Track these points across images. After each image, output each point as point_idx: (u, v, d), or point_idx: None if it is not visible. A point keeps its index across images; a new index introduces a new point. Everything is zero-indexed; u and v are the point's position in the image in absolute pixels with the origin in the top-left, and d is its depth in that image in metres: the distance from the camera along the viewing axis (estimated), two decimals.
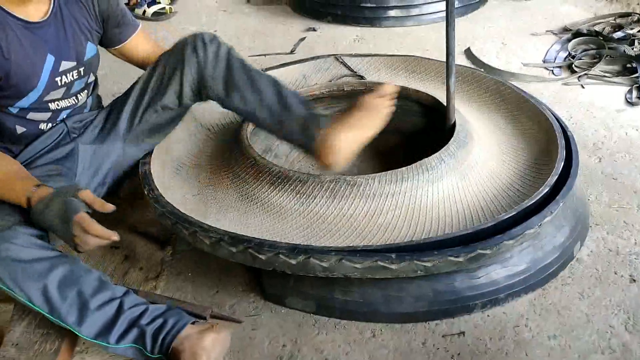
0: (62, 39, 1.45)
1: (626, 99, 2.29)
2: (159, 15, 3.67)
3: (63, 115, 1.53)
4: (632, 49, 2.59)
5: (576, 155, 1.59)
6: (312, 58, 2.23)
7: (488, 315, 1.37)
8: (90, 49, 1.53)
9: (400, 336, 1.34)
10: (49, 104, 1.47)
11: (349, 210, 1.47)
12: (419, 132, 2.03)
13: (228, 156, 1.70)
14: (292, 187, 1.52)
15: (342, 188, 1.48)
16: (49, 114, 1.49)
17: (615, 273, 1.47)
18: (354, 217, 1.46)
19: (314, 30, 3.28)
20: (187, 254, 1.62)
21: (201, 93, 1.57)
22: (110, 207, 1.25)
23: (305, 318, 1.40)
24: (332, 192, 1.49)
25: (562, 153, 1.58)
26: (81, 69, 1.50)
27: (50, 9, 1.43)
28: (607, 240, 1.58)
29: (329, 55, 2.23)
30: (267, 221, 1.49)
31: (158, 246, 1.65)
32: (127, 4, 3.46)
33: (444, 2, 3.40)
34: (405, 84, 2.03)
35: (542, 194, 1.44)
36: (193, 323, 1.25)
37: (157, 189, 1.52)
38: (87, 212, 1.21)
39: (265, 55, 2.95)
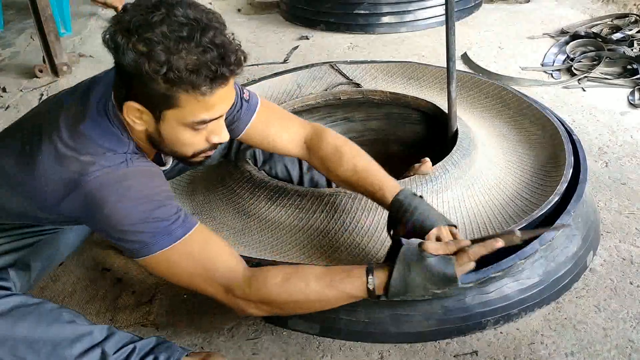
0: None
1: (629, 101, 2.24)
2: None
3: None
4: (632, 50, 2.55)
5: (584, 160, 1.54)
6: (307, 66, 2.17)
7: (501, 332, 1.30)
8: None
9: (409, 357, 1.27)
10: None
11: (350, 224, 1.41)
12: (419, 140, 1.97)
13: (222, 171, 1.63)
14: (290, 202, 1.45)
15: (343, 202, 1.42)
16: None
17: (631, 283, 1.41)
18: (356, 231, 1.39)
19: (307, 38, 3.22)
20: None
21: (234, 156, 1.58)
22: None
23: (309, 340, 1.33)
24: (332, 206, 1.42)
25: (570, 159, 1.52)
26: None
27: None
28: (620, 249, 1.51)
29: (323, 63, 2.17)
30: (265, 238, 1.42)
31: None
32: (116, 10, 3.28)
33: (438, 8, 3.33)
34: (403, 90, 1.97)
35: (553, 202, 1.38)
36: (187, 355, 1.18)
37: None
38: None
39: (257, 65, 2.89)
